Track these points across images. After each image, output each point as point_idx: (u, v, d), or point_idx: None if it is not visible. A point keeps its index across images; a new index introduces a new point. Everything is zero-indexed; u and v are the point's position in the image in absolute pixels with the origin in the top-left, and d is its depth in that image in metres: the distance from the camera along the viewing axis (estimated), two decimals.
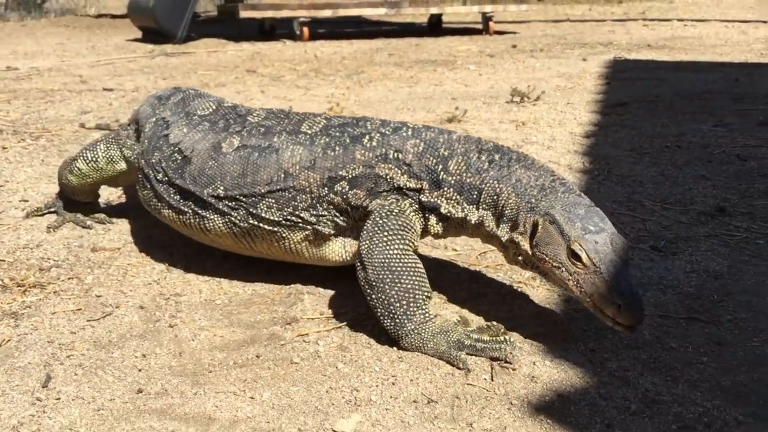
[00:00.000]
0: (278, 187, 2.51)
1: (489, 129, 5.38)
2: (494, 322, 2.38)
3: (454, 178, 2.39)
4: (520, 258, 2.34)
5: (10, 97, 6.61)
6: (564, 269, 2.18)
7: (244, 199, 2.55)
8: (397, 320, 2.28)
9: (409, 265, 2.29)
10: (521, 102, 6.25)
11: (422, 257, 2.70)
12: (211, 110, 2.86)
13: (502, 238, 2.36)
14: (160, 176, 2.77)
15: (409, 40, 11.30)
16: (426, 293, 2.31)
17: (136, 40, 11.47)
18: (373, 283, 2.28)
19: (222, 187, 2.59)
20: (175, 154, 2.73)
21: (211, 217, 2.64)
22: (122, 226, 3.43)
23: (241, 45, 10.50)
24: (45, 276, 2.87)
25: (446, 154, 2.41)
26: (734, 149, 4.73)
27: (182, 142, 2.75)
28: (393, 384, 2.18)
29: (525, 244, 2.29)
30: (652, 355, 2.29)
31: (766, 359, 2.28)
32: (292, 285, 2.81)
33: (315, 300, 2.70)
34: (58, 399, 2.07)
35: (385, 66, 8.50)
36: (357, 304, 2.63)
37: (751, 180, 4.09)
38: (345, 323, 2.52)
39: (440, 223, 2.44)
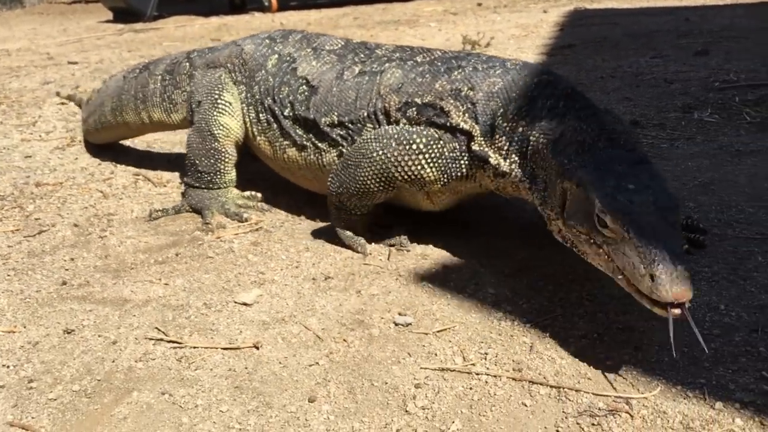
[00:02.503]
0: (372, 110, 2.46)
1: None
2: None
3: (508, 124, 2.17)
4: (560, 236, 2.02)
5: None
6: (593, 240, 1.81)
7: (351, 126, 2.51)
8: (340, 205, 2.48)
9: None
10: (472, 48, 6.43)
11: None
12: (339, 46, 2.79)
13: (538, 207, 2.09)
14: (287, 111, 2.72)
15: (378, 5, 11.44)
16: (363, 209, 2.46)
17: (107, 21, 11.63)
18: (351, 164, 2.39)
19: (336, 113, 2.55)
20: (303, 86, 2.69)
21: (327, 149, 2.59)
22: (67, 165, 3.64)
23: (210, 19, 10.66)
24: None
25: (514, 95, 2.19)
26: (664, 75, 4.93)
27: (310, 74, 2.70)
28: (296, 267, 2.41)
29: (556, 217, 1.98)
30: (530, 230, 2.51)
31: None
32: None
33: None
34: None
35: (347, 28, 8.67)
36: (276, 214, 2.85)
37: (671, 98, 4.29)
38: (262, 227, 2.74)
39: (495, 178, 2.23)
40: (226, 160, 2.90)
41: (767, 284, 2.15)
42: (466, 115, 2.24)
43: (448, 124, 2.26)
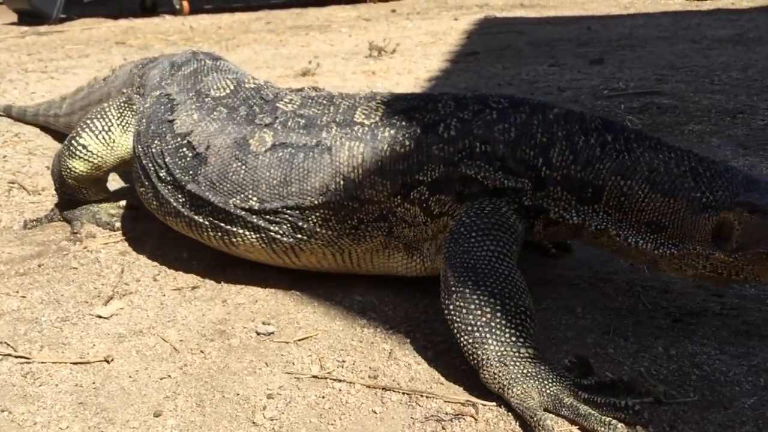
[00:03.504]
0: (336, 197, 2.01)
1: (339, 80, 5.56)
2: (645, 381, 1.78)
3: (558, 173, 1.92)
4: (704, 270, 1.83)
5: None
6: None
7: (289, 212, 2.05)
8: (478, 338, 1.71)
9: (504, 271, 1.76)
10: (379, 55, 6.46)
11: None
12: (227, 91, 2.28)
13: (657, 252, 1.86)
14: (162, 174, 2.23)
15: (293, 10, 11.38)
16: (525, 311, 1.73)
17: (11, 23, 11.22)
18: (453, 289, 1.76)
19: (256, 198, 2.07)
20: (184, 149, 2.19)
21: (241, 231, 2.13)
22: None
23: (118, 22, 10.40)
24: None
25: (545, 140, 1.93)
26: (559, 83, 5.05)
27: (193, 133, 2.19)
28: (163, 277, 2.35)
29: (714, 252, 1.79)
30: None
31: None
32: None
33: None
34: None
35: (258, 33, 8.59)
36: (150, 224, 2.79)
37: (562, 105, 4.40)
38: (131, 237, 2.67)
39: (551, 227, 1.99)
40: (88, 189, 2.67)
41: (624, 287, 2.22)
42: (501, 172, 1.95)
43: (489, 187, 1.95)
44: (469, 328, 1.70)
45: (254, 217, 2.09)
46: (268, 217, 2.08)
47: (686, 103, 4.33)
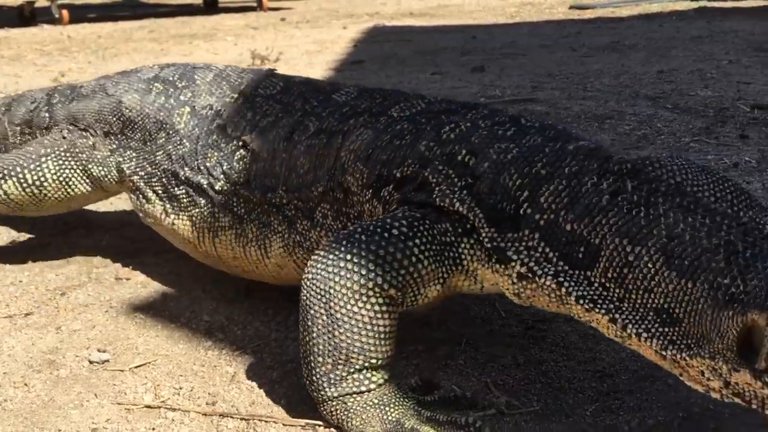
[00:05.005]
0: (330, 185, 1.84)
1: None
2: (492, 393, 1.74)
3: (543, 216, 1.52)
4: (724, 390, 1.32)
5: None
6: None
7: (302, 205, 1.89)
8: (316, 380, 1.58)
9: (370, 315, 1.53)
10: (261, 64, 6.34)
11: None
12: (279, 89, 2.12)
13: (664, 353, 1.38)
14: (220, 185, 2.06)
15: (180, 18, 11.09)
16: (374, 360, 1.56)
17: None
18: (304, 319, 1.59)
19: (283, 189, 1.93)
20: (240, 150, 2.04)
21: (271, 235, 1.96)
22: None
23: None
24: None
25: (544, 173, 1.56)
26: (439, 91, 5.07)
27: (246, 131, 2.04)
28: None
29: (738, 368, 1.27)
30: None
31: None
32: None
33: None
34: None
35: (140, 42, 8.31)
36: None
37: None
38: None
39: (524, 282, 1.56)
40: None
41: (481, 295, 2.20)
42: (463, 192, 1.62)
43: (434, 201, 1.64)
44: (309, 368, 1.59)
45: (280, 213, 1.94)
46: (289, 212, 1.92)
47: (558, 109, 4.42)
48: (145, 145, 2.22)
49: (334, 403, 1.58)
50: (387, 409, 1.58)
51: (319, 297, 1.54)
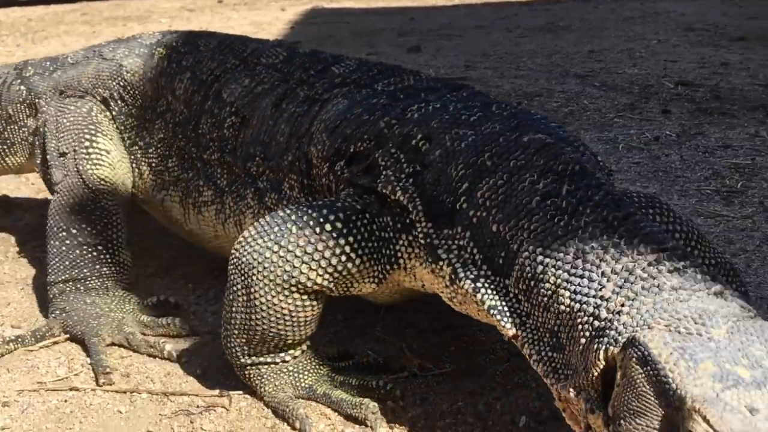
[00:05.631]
0: (297, 155, 1.76)
1: None
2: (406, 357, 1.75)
3: (477, 213, 1.41)
4: (580, 426, 1.23)
5: None
6: None
7: (272, 176, 1.81)
8: (232, 348, 1.59)
9: (290, 309, 1.50)
10: None
11: None
12: (282, 58, 2.00)
13: (546, 380, 1.29)
14: (209, 154, 1.95)
15: (112, 1, 10.86)
16: (290, 341, 1.57)
17: None
18: (228, 290, 1.56)
19: (261, 156, 1.84)
20: (231, 117, 1.94)
21: (245, 209, 1.87)
22: None
23: None
24: None
25: (489, 164, 1.44)
26: None
27: (241, 98, 1.94)
28: None
29: (586, 412, 1.19)
30: None
31: None
32: None
33: None
34: None
35: (71, 25, 8.12)
36: None
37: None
38: None
39: (450, 286, 1.45)
40: (117, 236, 1.99)
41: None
42: (406, 181, 1.51)
43: (377, 187, 1.53)
44: (227, 335, 1.58)
45: (258, 181, 1.84)
46: (266, 181, 1.83)
47: (489, 87, 4.47)
48: (145, 113, 2.11)
49: (249, 369, 1.60)
50: (300, 376, 1.61)
51: (242, 279, 1.50)
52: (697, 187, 2.80)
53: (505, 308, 1.33)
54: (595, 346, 1.15)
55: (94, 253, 1.94)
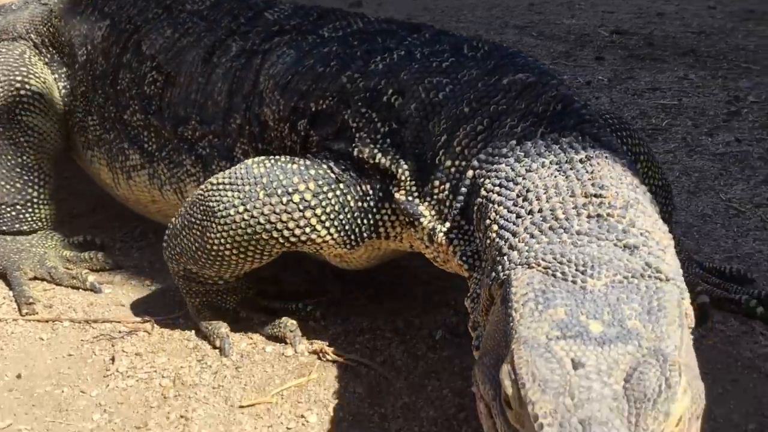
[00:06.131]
0: (247, 116, 1.61)
1: None
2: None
3: (454, 161, 1.35)
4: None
5: None
6: (489, 412, 1.04)
7: (218, 142, 1.66)
8: (172, 261, 1.59)
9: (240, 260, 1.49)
10: None
11: None
12: (207, 3, 1.83)
13: (470, 313, 1.29)
14: (129, 114, 1.81)
15: None
16: (224, 276, 1.56)
17: None
18: (183, 215, 1.53)
19: (199, 119, 1.69)
20: (153, 72, 1.79)
21: (184, 177, 1.73)
22: None
23: None
24: None
25: (467, 111, 1.37)
26: None
27: (163, 52, 1.78)
28: None
29: (474, 347, 1.23)
30: None
31: None
32: None
33: None
34: None
35: None
36: None
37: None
38: None
39: (431, 245, 1.39)
40: (40, 183, 1.90)
41: None
42: (383, 141, 1.41)
43: (353, 152, 1.43)
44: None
45: (198, 146, 1.70)
46: (205, 148, 1.70)
47: None
48: (72, 61, 1.97)
49: (181, 282, 1.60)
50: (227, 298, 1.63)
51: (201, 217, 1.47)
52: None
53: (468, 252, 1.30)
54: (486, 280, 1.16)
55: (18, 199, 1.88)
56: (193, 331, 1.62)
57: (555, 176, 1.20)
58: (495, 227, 1.19)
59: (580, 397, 0.88)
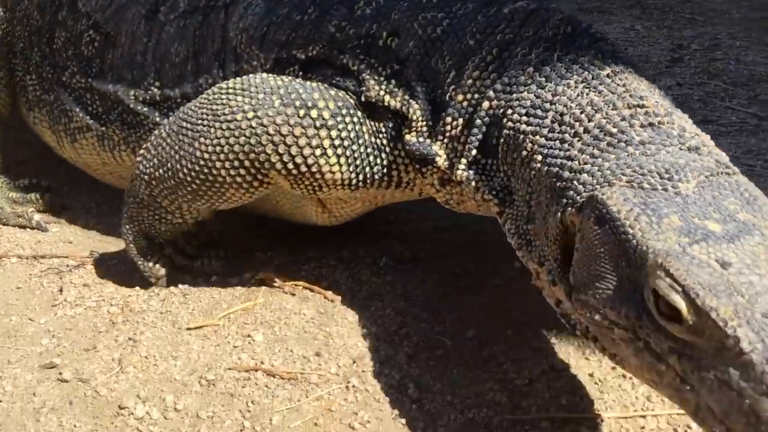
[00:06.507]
0: (222, 75, 1.52)
1: None
2: None
3: (466, 95, 1.31)
4: (560, 313, 1.18)
5: None
6: (640, 340, 0.98)
7: (186, 102, 1.51)
8: (139, 178, 1.47)
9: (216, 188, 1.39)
10: None
11: None
12: None
13: (517, 251, 1.26)
14: (68, 75, 1.70)
15: None
16: (195, 204, 1.45)
17: None
18: (179, 120, 1.42)
19: (156, 83, 1.59)
20: (90, 32, 1.67)
21: (149, 129, 1.60)
22: None
23: None
24: None
25: (471, 44, 1.33)
26: None
27: (100, 10, 1.67)
28: None
29: (551, 279, 1.16)
30: None
31: None
32: None
33: None
34: None
35: None
36: None
37: None
38: None
39: (442, 187, 1.37)
40: None
41: None
42: (389, 82, 1.36)
43: (361, 95, 1.37)
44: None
45: (156, 111, 1.60)
46: (164, 110, 1.59)
47: None
48: (11, 16, 1.86)
49: (131, 202, 1.52)
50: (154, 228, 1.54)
51: (200, 124, 1.36)
52: None
53: (496, 187, 1.28)
54: (554, 209, 1.10)
55: None
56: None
57: (587, 94, 1.18)
58: (538, 157, 1.16)
59: (750, 293, 0.88)
